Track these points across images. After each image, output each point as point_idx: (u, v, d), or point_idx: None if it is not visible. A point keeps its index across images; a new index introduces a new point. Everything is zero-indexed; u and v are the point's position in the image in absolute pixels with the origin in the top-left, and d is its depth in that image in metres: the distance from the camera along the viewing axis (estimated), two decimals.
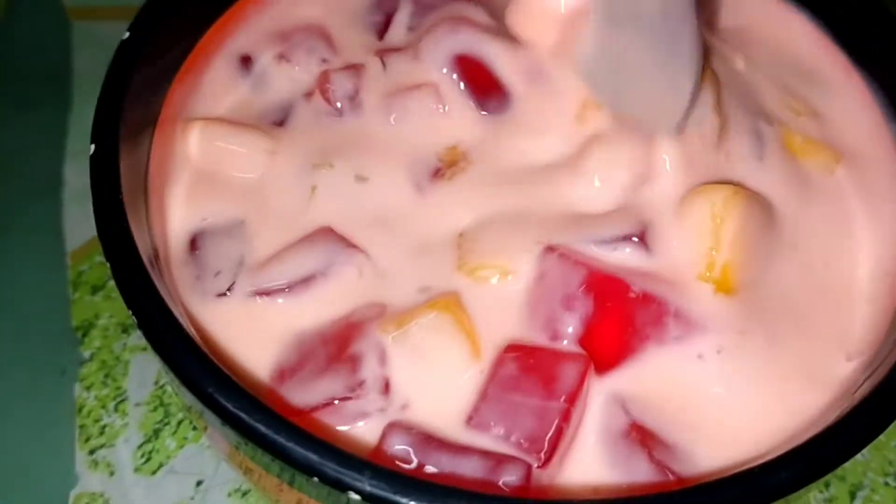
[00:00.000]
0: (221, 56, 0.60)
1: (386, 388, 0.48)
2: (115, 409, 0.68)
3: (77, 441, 0.67)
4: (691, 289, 0.50)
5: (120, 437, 0.67)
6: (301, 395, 0.48)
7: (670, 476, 0.46)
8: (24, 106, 0.83)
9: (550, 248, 0.50)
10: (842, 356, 0.51)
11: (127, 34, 0.54)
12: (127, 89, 0.52)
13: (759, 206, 0.53)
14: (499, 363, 0.48)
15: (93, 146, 0.50)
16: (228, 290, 0.51)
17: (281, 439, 0.41)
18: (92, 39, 0.89)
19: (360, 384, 0.48)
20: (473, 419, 0.47)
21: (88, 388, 0.69)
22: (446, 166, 0.54)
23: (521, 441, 0.45)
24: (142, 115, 0.53)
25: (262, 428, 0.41)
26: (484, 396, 0.47)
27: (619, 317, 0.49)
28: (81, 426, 0.67)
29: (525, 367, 0.47)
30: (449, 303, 0.49)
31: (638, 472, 0.46)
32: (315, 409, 0.47)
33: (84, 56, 0.88)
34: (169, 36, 0.56)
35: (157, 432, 0.67)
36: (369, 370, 0.48)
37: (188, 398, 0.44)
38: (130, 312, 0.44)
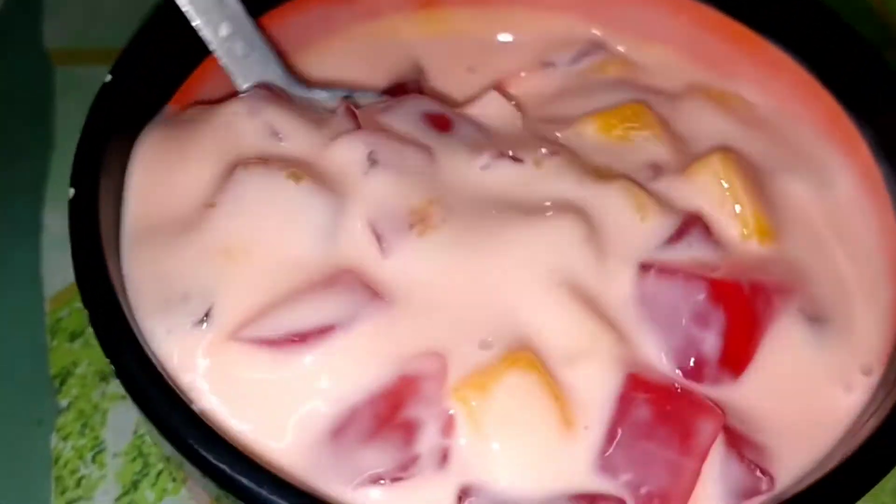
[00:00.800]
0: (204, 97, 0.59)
1: (444, 459, 0.45)
2: (93, 460, 0.66)
3: (53, 493, 0.65)
4: (749, 253, 0.51)
5: (98, 488, 0.65)
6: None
7: (762, 476, 0.45)
8: (4, 151, 0.82)
9: (645, 267, 0.49)
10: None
11: (108, 77, 0.53)
12: (108, 132, 0.51)
13: (746, 160, 0.56)
14: (628, 401, 0.45)
15: (72, 190, 0.48)
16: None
17: (264, 492, 0.39)
18: (75, 83, 0.88)
19: (414, 460, 0.44)
20: (602, 462, 0.44)
21: (65, 439, 0.67)
22: None
23: (652, 495, 0.44)
24: (123, 158, 0.52)
25: (243, 480, 0.39)
26: (613, 437, 0.44)
27: (744, 318, 0.49)
28: (58, 478, 0.66)
29: (661, 414, 0.45)
30: (530, 359, 0.46)
31: (730, 475, 0.45)
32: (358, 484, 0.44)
33: (67, 100, 0.87)
34: (151, 78, 0.55)
35: (136, 484, 0.65)
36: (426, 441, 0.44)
37: (167, 449, 0.43)
38: (109, 361, 0.43)
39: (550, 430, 0.44)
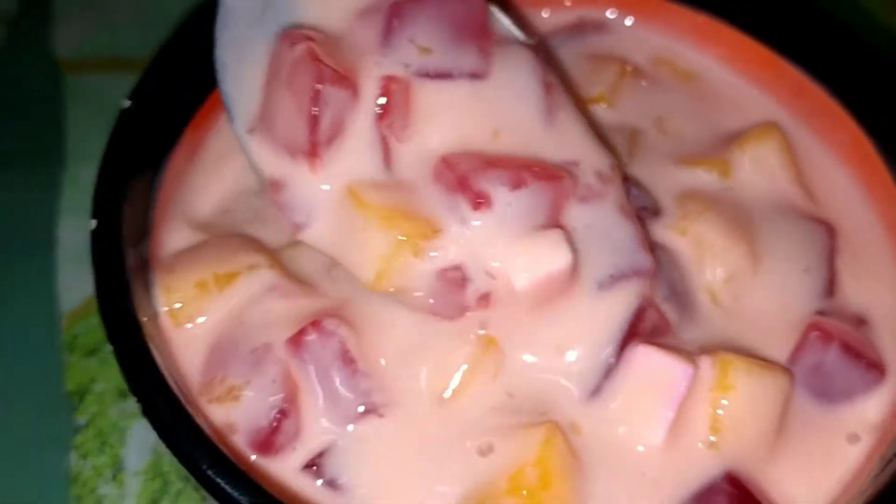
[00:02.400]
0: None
1: None
2: (112, 479, 0.66)
3: None
4: None
5: None
6: None
7: None
8: (15, 162, 0.82)
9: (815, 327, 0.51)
10: None
11: (128, 103, 0.53)
12: (128, 160, 0.51)
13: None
14: None
15: (94, 222, 0.48)
16: None
17: None
18: (85, 92, 0.87)
19: None
20: None
21: (84, 457, 0.67)
22: None
23: None
24: (145, 186, 0.52)
25: None
26: None
27: None
28: (77, 497, 0.65)
29: None
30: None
31: None
32: None
33: (78, 109, 0.86)
34: (171, 103, 0.54)
35: (155, 502, 0.65)
36: None
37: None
38: (136, 400, 0.43)
39: None
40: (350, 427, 0.47)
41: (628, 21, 0.66)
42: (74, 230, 0.78)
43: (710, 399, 0.47)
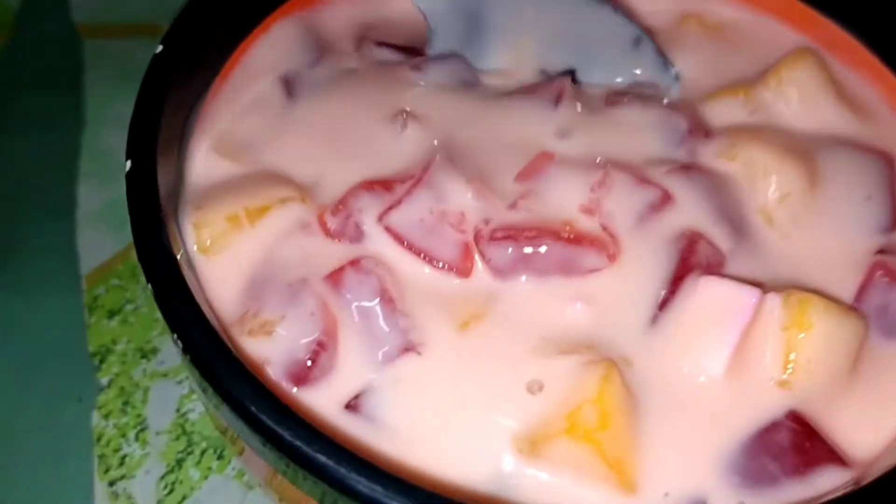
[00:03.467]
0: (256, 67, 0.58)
1: None
2: (136, 439, 0.66)
3: (96, 472, 0.64)
4: None
5: (141, 467, 0.64)
6: None
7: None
8: (35, 125, 0.81)
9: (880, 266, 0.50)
10: None
11: (160, 47, 0.52)
12: (162, 104, 0.50)
13: None
14: None
15: (129, 162, 0.47)
16: None
17: (343, 470, 0.38)
18: (103, 57, 0.87)
19: None
20: None
21: (107, 417, 0.67)
22: None
23: None
24: (177, 129, 0.51)
25: (322, 458, 0.39)
26: None
27: None
28: (100, 456, 0.65)
29: None
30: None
31: None
32: None
33: (95, 74, 0.86)
34: (203, 48, 0.53)
35: (179, 462, 0.65)
36: None
37: (230, 421, 0.42)
38: (175, 336, 0.42)
39: None
40: (389, 366, 0.46)
41: None
42: (94, 193, 0.78)
43: (785, 337, 0.46)
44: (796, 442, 0.45)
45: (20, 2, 0.90)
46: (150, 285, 0.44)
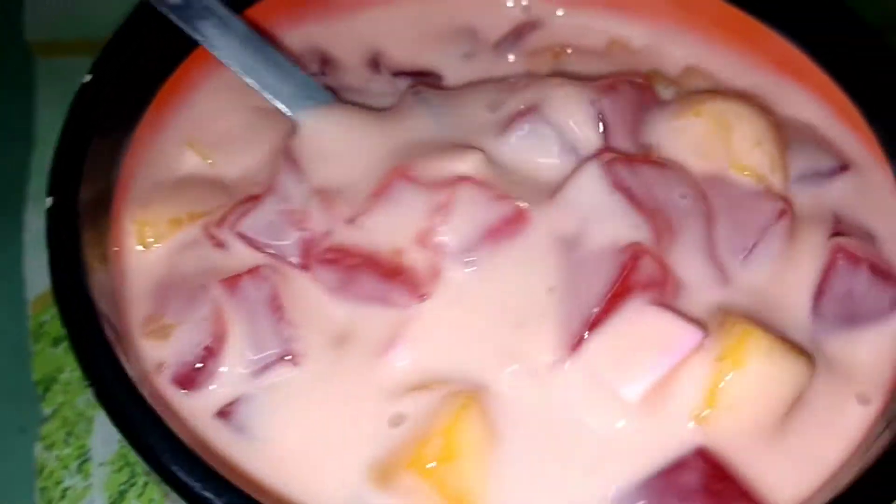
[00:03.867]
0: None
1: None
2: (79, 470, 0.64)
3: None
4: None
5: (83, 500, 0.63)
6: None
7: None
8: None
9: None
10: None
11: (88, 76, 0.51)
12: (88, 136, 0.49)
13: None
14: None
15: (49, 199, 0.46)
16: None
17: None
18: (56, 76, 0.85)
19: None
20: None
21: (50, 448, 0.65)
22: None
23: None
24: (104, 164, 0.50)
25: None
26: None
27: None
28: (42, 489, 0.63)
29: None
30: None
31: None
32: None
33: (48, 92, 0.84)
34: (133, 77, 0.52)
35: (122, 494, 0.63)
36: None
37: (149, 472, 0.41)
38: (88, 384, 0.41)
39: None
40: (266, 373, 0.46)
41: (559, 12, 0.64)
42: (42, 215, 0.76)
43: (717, 369, 0.43)
44: (706, 484, 0.42)
45: None
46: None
